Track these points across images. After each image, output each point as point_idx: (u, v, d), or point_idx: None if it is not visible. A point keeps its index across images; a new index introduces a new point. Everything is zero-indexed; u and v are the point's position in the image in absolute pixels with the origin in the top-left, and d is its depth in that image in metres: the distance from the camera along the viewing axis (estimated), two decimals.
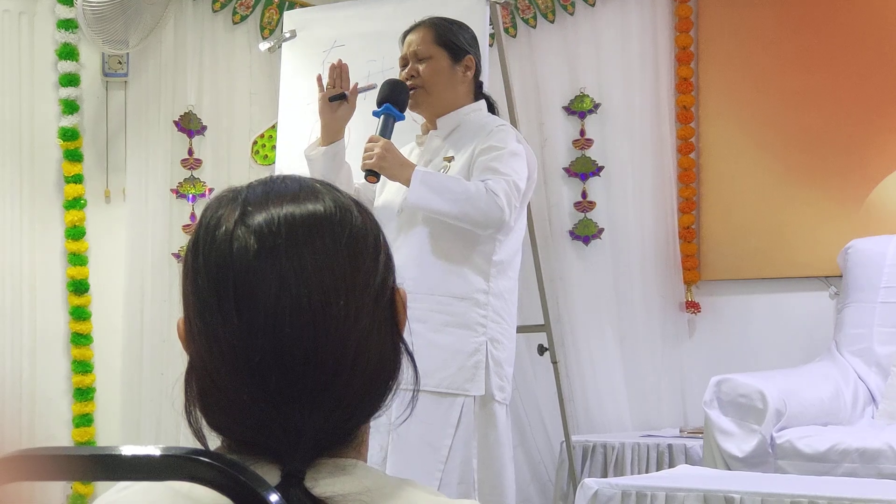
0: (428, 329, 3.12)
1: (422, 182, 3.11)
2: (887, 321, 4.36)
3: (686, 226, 5.13)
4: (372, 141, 3.19)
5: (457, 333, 3.15)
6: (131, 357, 4.84)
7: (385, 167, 3.16)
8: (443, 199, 3.10)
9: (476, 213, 3.09)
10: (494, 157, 3.17)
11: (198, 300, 1.03)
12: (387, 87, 3.28)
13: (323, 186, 1.07)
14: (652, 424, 4.97)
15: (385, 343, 1.06)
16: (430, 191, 3.10)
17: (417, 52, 3.31)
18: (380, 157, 3.14)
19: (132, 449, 0.87)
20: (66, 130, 4.77)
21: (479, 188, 3.09)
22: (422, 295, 3.14)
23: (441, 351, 3.13)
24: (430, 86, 3.29)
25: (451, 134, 3.30)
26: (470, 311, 3.17)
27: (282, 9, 5.08)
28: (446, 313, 3.16)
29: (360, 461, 1.04)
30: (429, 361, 3.06)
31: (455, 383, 3.13)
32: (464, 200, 3.08)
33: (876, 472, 3.63)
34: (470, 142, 3.24)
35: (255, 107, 5.11)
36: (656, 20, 5.15)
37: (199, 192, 4.97)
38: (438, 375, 3.11)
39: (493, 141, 3.20)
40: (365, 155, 3.18)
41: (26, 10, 4.76)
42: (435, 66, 3.30)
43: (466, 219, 3.11)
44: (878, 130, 4.75)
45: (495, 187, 3.10)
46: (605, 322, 5.07)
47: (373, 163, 3.15)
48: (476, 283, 3.18)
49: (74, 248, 4.78)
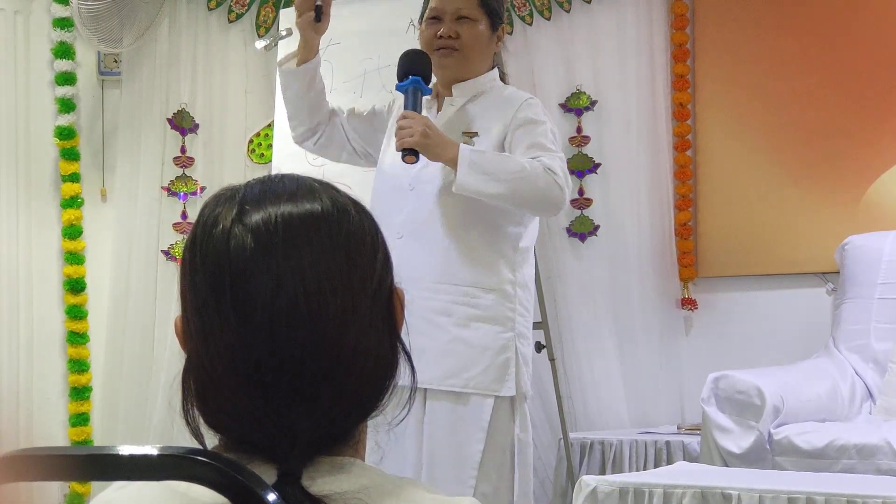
0: (453, 323, 2.88)
1: (471, 164, 2.79)
2: (884, 317, 4.37)
3: (683, 223, 5.13)
4: (407, 117, 2.82)
5: (484, 329, 2.88)
6: (114, 354, 4.83)
7: (429, 146, 2.80)
8: (496, 180, 2.79)
9: (535, 195, 2.81)
10: (540, 133, 2.89)
11: (195, 298, 1.03)
12: (409, 58, 2.94)
13: (321, 186, 1.07)
14: (649, 421, 4.97)
15: (382, 342, 1.06)
16: (480, 172, 2.79)
17: (461, 10, 2.97)
18: (423, 134, 2.78)
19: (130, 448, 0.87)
20: (62, 129, 4.76)
21: (534, 166, 2.80)
22: (446, 285, 2.89)
23: (467, 348, 2.88)
24: (468, 51, 2.98)
25: (468, 104, 3.01)
26: (498, 305, 2.90)
27: (277, 7, 5.08)
28: (472, 306, 2.89)
29: (358, 460, 1.04)
30: (454, 359, 2.87)
31: (482, 384, 2.88)
32: (520, 180, 2.79)
33: (873, 468, 3.64)
34: (497, 116, 2.95)
35: (250, 105, 5.11)
36: (652, 17, 5.15)
37: (191, 190, 4.97)
38: (465, 375, 2.87)
39: (531, 114, 2.92)
40: (402, 132, 2.80)
41: (22, 10, 4.76)
42: (478, 32, 2.98)
43: (523, 201, 2.84)
44: (874, 127, 4.75)
45: (552, 164, 2.81)
46: (603, 319, 5.07)
47: (415, 140, 2.78)
48: (504, 273, 2.92)
49: (71, 247, 4.78)
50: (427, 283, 2.90)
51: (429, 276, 2.90)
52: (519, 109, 2.95)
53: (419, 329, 2.81)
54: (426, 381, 2.85)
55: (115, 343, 4.84)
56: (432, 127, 2.83)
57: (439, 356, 2.87)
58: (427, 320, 2.88)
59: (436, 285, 2.91)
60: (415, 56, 2.94)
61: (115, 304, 4.84)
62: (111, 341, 4.84)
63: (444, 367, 2.88)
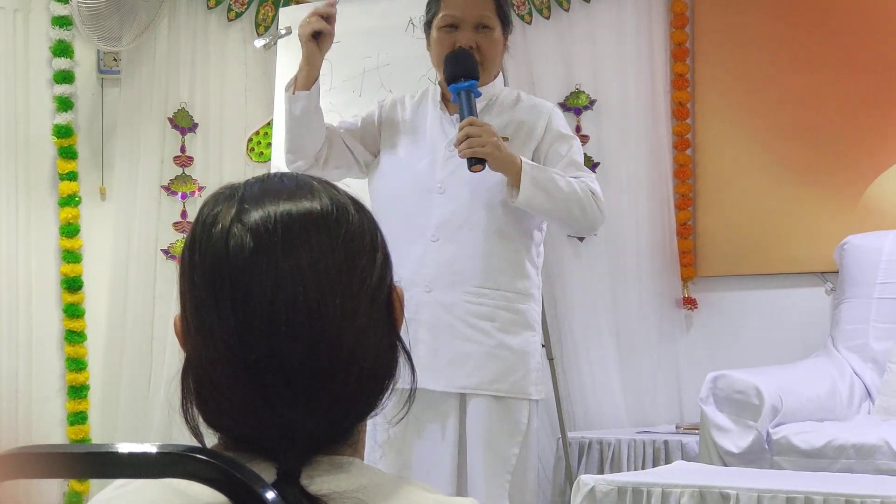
0: (497, 328, 2.92)
1: (533, 180, 2.83)
2: (883, 317, 4.37)
3: (682, 222, 5.13)
4: (474, 125, 2.80)
5: (524, 335, 2.95)
6: (113, 353, 4.83)
7: (498, 157, 2.80)
8: (552, 199, 2.85)
9: (582, 216, 2.89)
10: (575, 151, 2.97)
11: (194, 297, 1.03)
12: (457, 60, 2.89)
13: (320, 184, 1.07)
14: (648, 421, 4.97)
15: (382, 342, 1.06)
16: (540, 189, 2.84)
17: (482, 19, 2.95)
18: (495, 146, 2.78)
19: (129, 446, 0.87)
20: (60, 127, 4.76)
21: (584, 189, 2.88)
22: (489, 290, 2.92)
23: (511, 353, 2.92)
24: (488, 63, 2.97)
25: (485, 110, 2.98)
26: (531, 310, 2.98)
27: (277, 5, 5.08)
28: (513, 311, 2.94)
29: (357, 459, 1.04)
30: (501, 364, 2.91)
31: (523, 388, 2.93)
32: (574, 201, 2.87)
33: (872, 468, 3.64)
34: (527, 125, 2.97)
35: (250, 104, 5.10)
36: (652, 16, 5.15)
37: (190, 189, 4.96)
38: (510, 379, 2.91)
39: (561, 127, 2.98)
40: (472, 140, 2.77)
41: (21, 8, 4.75)
42: (496, 41, 2.98)
43: (571, 220, 2.91)
44: (874, 126, 4.75)
45: (595, 187, 2.90)
46: (602, 319, 5.07)
47: (487, 151, 2.78)
48: (533, 276, 3.00)
49: (69, 246, 4.78)
50: (469, 286, 2.93)
51: (471, 280, 2.93)
52: (550, 120, 2.99)
53: (463, 334, 2.90)
54: (472, 385, 2.90)
55: (114, 341, 4.84)
56: (499, 139, 2.83)
57: (485, 360, 2.91)
58: (470, 325, 2.92)
59: (478, 289, 2.92)
60: (463, 56, 2.91)
61: (114, 303, 4.84)
62: (110, 339, 4.84)
63: (491, 372, 2.92)
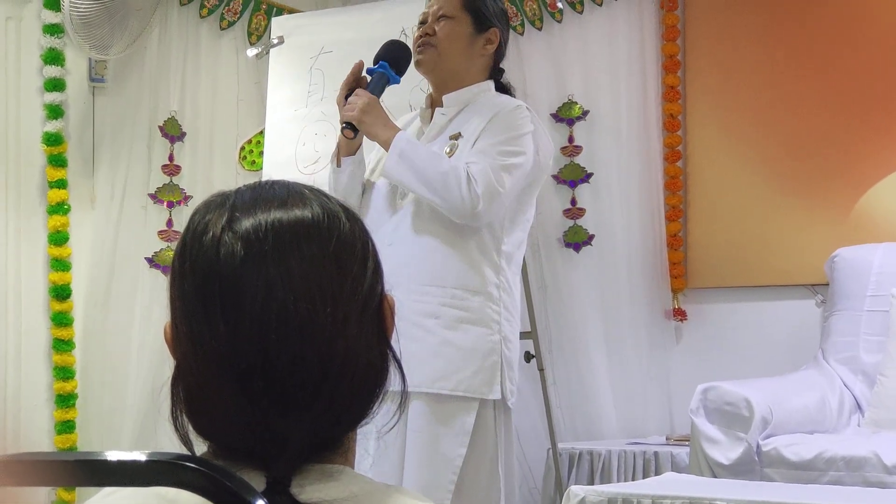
0: (441, 325, 2.87)
1: (401, 154, 2.85)
2: (873, 329, 4.37)
3: (673, 233, 5.13)
4: (358, 95, 2.92)
5: (473, 331, 2.88)
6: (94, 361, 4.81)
7: (366, 122, 2.89)
8: (417, 176, 2.85)
9: (448, 198, 2.83)
10: (496, 143, 2.89)
11: (184, 306, 1.03)
12: (387, 45, 3.02)
13: (311, 192, 1.07)
14: (638, 432, 4.97)
15: (373, 350, 1.05)
16: (406, 165, 2.85)
17: (440, 9, 3.01)
18: (362, 110, 2.88)
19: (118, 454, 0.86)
20: (50, 135, 4.75)
21: (458, 173, 2.82)
22: (434, 288, 2.89)
23: (457, 350, 2.86)
24: (442, 47, 2.99)
25: (459, 114, 3.01)
26: (485, 307, 2.89)
27: (269, 15, 5.08)
28: (461, 308, 2.88)
29: (348, 467, 1.04)
30: (444, 362, 2.85)
31: (472, 386, 2.86)
32: (438, 182, 2.82)
33: (862, 480, 3.64)
34: (481, 119, 2.95)
35: (242, 113, 5.10)
36: (643, 28, 5.17)
37: (177, 198, 4.95)
38: (455, 378, 2.85)
39: (500, 122, 2.92)
40: (347, 106, 2.92)
41: (13, 16, 4.74)
42: (454, 29, 3.00)
43: (437, 203, 2.86)
44: (865, 139, 4.76)
45: (478, 175, 2.82)
46: (592, 329, 5.07)
47: (353, 115, 2.89)
48: (489, 275, 2.91)
49: (57, 254, 4.76)
50: (414, 286, 2.89)
51: (416, 279, 2.89)
52: (501, 110, 2.94)
53: (407, 333, 2.80)
54: (415, 384, 2.82)
55: (92, 349, 4.82)
56: (376, 107, 2.90)
57: (428, 358, 2.85)
58: (415, 323, 2.87)
59: (423, 287, 2.89)
60: (394, 45, 3.02)
61: (95, 310, 4.83)
62: (89, 347, 4.82)
63: (433, 370, 2.85)
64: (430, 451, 2.84)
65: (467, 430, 2.85)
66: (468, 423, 2.86)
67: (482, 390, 2.87)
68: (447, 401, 2.85)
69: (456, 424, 2.85)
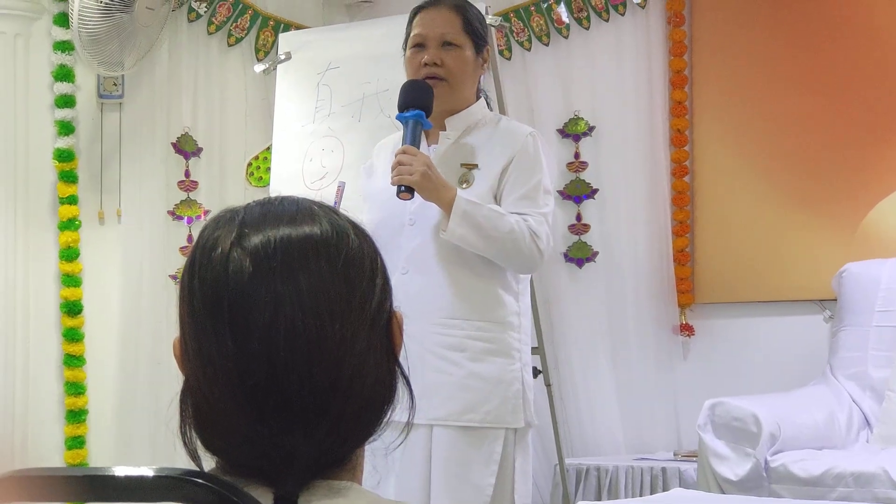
0: (467, 358, 2.86)
1: (464, 215, 2.78)
2: (882, 345, 4.36)
3: (680, 249, 5.13)
4: (408, 153, 2.77)
5: (497, 362, 2.88)
6: (126, 380, 4.82)
7: (426, 187, 2.77)
8: (484, 237, 2.80)
9: (516, 258, 2.84)
10: (534, 185, 2.88)
11: (193, 321, 1.03)
12: (411, 89, 2.88)
13: (320, 208, 1.07)
14: (646, 447, 4.96)
15: (381, 367, 1.05)
16: (471, 225, 2.79)
17: (446, 37, 2.92)
18: (423, 174, 2.75)
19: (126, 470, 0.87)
20: (61, 152, 4.76)
21: (522, 229, 2.81)
22: (458, 321, 2.87)
23: (484, 383, 2.86)
24: (455, 80, 2.92)
25: (464, 136, 2.97)
26: (507, 337, 2.90)
27: (277, 31, 5.09)
28: (485, 340, 2.88)
29: (355, 484, 1.04)
30: (472, 394, 2.85)
31: (500, 417, 2.87)
32: (507, 241, 2.81)
33: (870, 497, 3.63)
34: (499, 151, 2.92)
35: (249, 129, 5.11)
36: (650, 44, 5.17)
37: (196, 213, 4.97)
38: (483, 409, 2.85)
39: (531, 154, 2.90)
40: (401, 168, 2.76)
41: (22, 33, 4.76)
42: (463, 58, 2.93)
43: (503, 259, 2.85)
44: (873, 154, 4.76)
45: (538, 229, 2.83)
46: (599, 345, 5.06)
47: (414, 180, 2.75)
48: (510, 304, 2.92)
49: (68, 270, 4.77)
50: (438, 318, 2.88)
51: (439, 312, 2.89)
52: (524, 146, 2.92)
53: (432, 365, 2.85)
54: (443, 416, 2.85)
55: (127, 368, 4.82)
56: (432, 167, 2.79)
57: (456, 392, 2.86)
58: (440, 356, 2.87)
59: (447, 320, 2.89)
60: (418, 87, 2.88)
61: (127, 329, 4.82)
62: (123, 366, 4.81)
63: (463, 403, 2.87)
64: (461, 479, 2.85)
65: (496, 459, 2.87)
66: (497, 451, 2.87)
67: (508, 419, 2.89)
68: (474, 432, 2.87)
69: (484, 454, 2.87)
